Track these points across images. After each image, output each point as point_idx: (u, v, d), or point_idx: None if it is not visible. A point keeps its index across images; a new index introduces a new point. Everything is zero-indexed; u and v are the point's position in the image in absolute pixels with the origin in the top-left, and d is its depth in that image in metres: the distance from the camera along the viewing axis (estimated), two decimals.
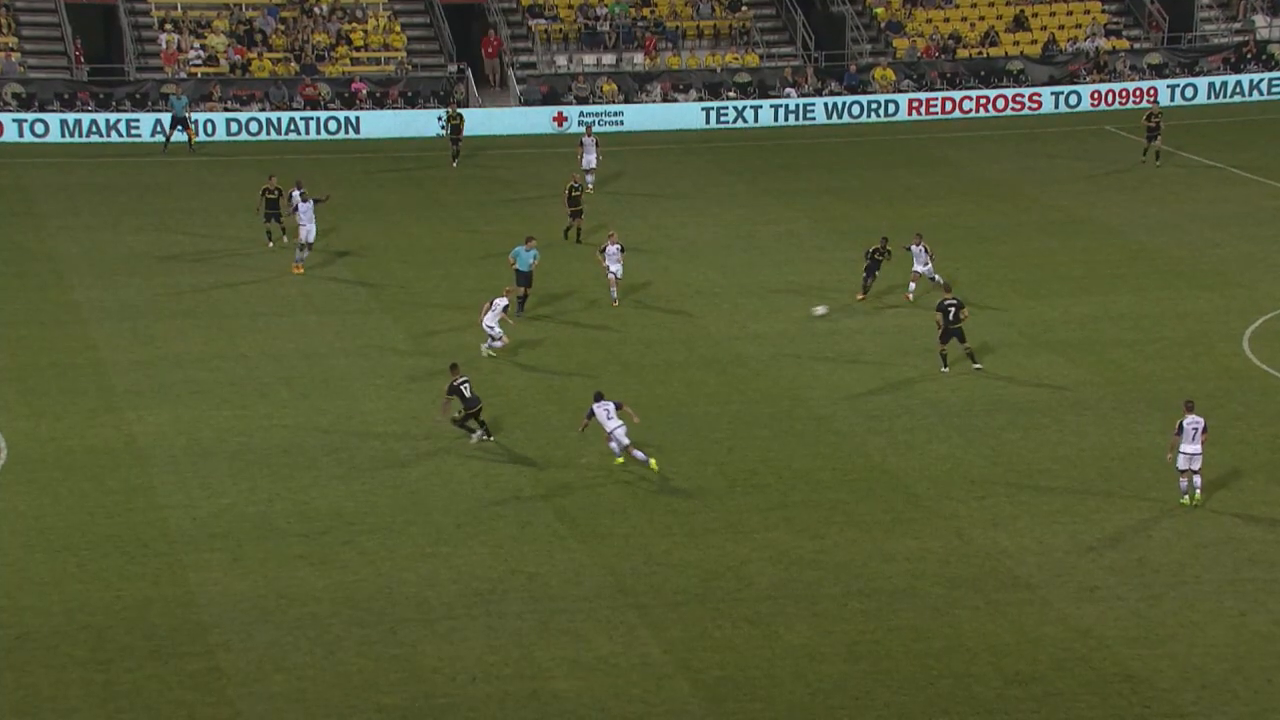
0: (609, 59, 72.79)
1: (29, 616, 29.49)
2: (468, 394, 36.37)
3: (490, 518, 33.72)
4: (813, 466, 36.11)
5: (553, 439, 37.43)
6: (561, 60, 72.80)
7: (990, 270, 49.70)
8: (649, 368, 42.18)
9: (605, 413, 35.30)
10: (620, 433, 35.25)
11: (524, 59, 72.69)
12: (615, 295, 46.43)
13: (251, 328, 44.71)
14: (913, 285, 46.45)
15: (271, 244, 50.92)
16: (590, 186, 57.64)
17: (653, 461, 35.34)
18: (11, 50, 68.13)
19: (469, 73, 71.17)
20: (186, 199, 58.09)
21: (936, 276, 45.89)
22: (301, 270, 48.63)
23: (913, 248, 46.34)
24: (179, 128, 63.84)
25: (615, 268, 46.25)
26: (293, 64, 70.12)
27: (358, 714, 26.97)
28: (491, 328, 41.89)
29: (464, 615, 29.89)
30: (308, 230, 48.54)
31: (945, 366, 41.49)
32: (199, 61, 69.55)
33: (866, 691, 27.59)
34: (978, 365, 41.53)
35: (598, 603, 30.32)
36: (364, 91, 69.49)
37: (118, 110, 66.68)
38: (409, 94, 69.87)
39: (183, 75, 68.83)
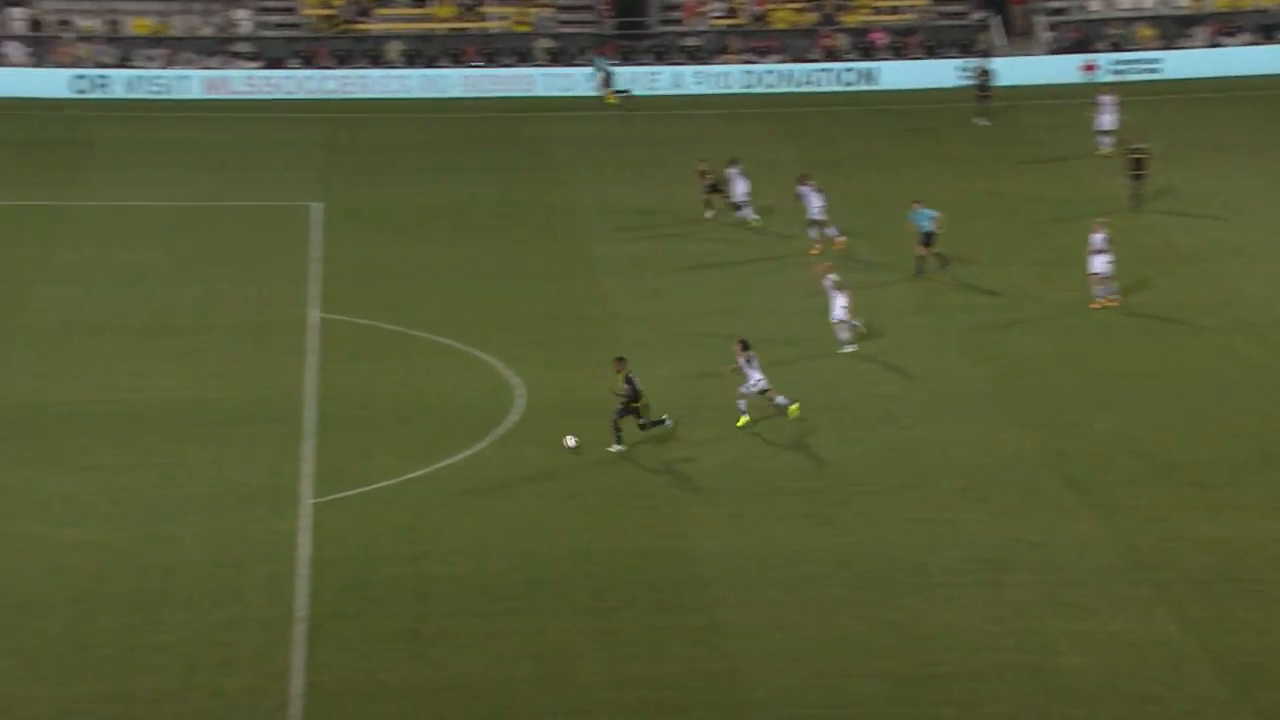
0: (1148, 1, 70.41)
1: (539, 562, 31.06)
2: (637, 385, 35.12)
3: (993, 484, 33.46)
4: None
5: (1062, 404, 36.77)
6: (1096, 4, 70.90)
7: None
8: (1172, 331, 40.84)
9: (753, 362, 35.51)
10: (762, 383, 35.48)
11: (1054, 4, 71.18)
12: (1100, 294, 42.19)
13: (755, 284, 45.50)
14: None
15: (710, 215, 50.78)
16: (1105, 149, 55.91)
17: (793, 407, 35.57)
18: (544, 5, 71.25)
19: (996, 20, 70.19)
20: (700, 153, 59.38)
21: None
22: (819, 250, 48.13)
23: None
24: (610, 83, 65.44)
25: (1101, 262, 41.78)
26: (813, 14, 70.78)
27: (854, 679, 27.31)
28: (842, 320, 40.18)
29: (965, 583, 29.82)
30: (815, 209, 48.03)
31: None
32: (719, 14, 71.06)
33: None
34: None
35: (1110, 576, 29.74)
36: (883, 41, 69.55)
37: (639, 63, 68.88)
38: (930, 44, 69.51)
39: (703, 28, 70.51)
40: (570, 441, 34.80)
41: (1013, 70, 66.82)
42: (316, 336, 41.73)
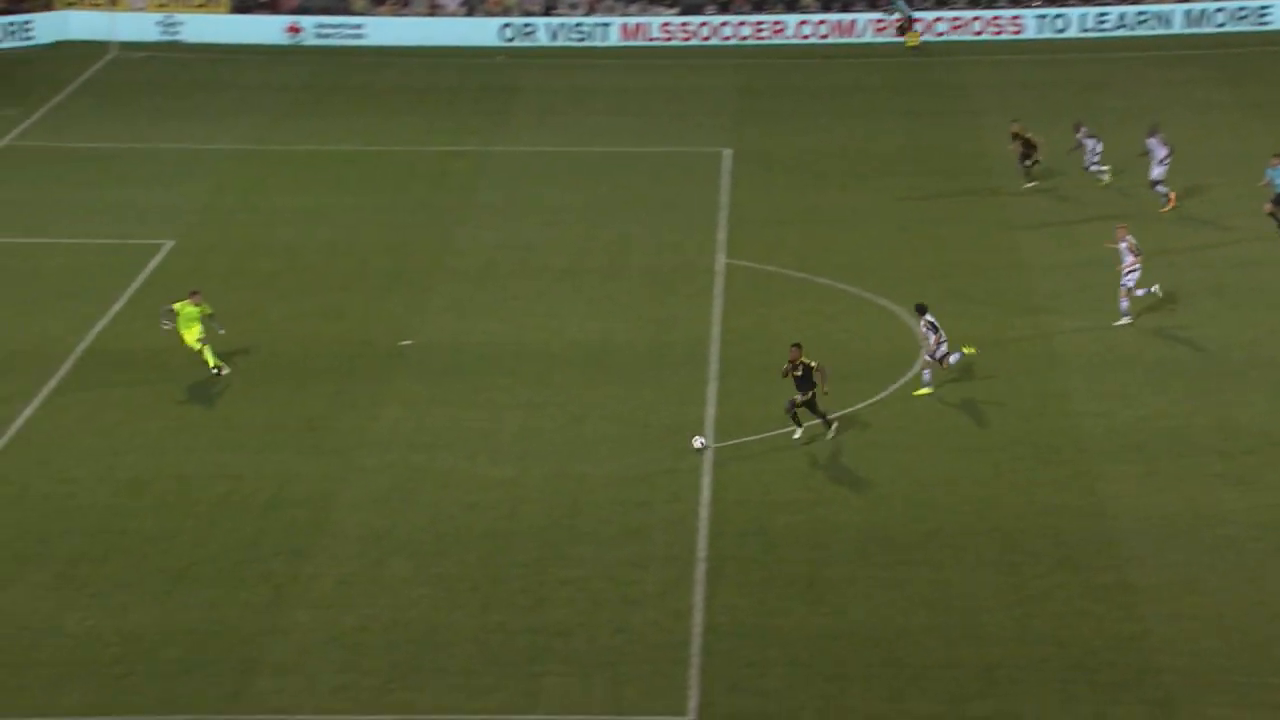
0: None
1: (941, 513, 30.69)
2: (813, 376, 32.70)
3: None
4: None
5: None
6: None
7: None
8: None
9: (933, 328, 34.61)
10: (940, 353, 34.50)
11: None
12: None
13: (1175, 235, 43.66)
14: None
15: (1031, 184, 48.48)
16: None
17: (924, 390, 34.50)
18: None
19: None
20: (1124, 97, 57.49)
21: None
22: (1172, 205, 45.72)
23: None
24: (913, 27, 63.49)
25: None
26: None
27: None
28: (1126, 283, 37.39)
29: None
30: (1158, 169, 45.73)
31: None
32: None
33: None
34: None
35: None
36: None
37: (1069, 5, 66.74)
38: None
39: None
40: (698, 442, 32.98)
41: None
42: (722, 281, 42.00)
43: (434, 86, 60.82)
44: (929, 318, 34.91)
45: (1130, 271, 37.72)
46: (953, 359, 35.02)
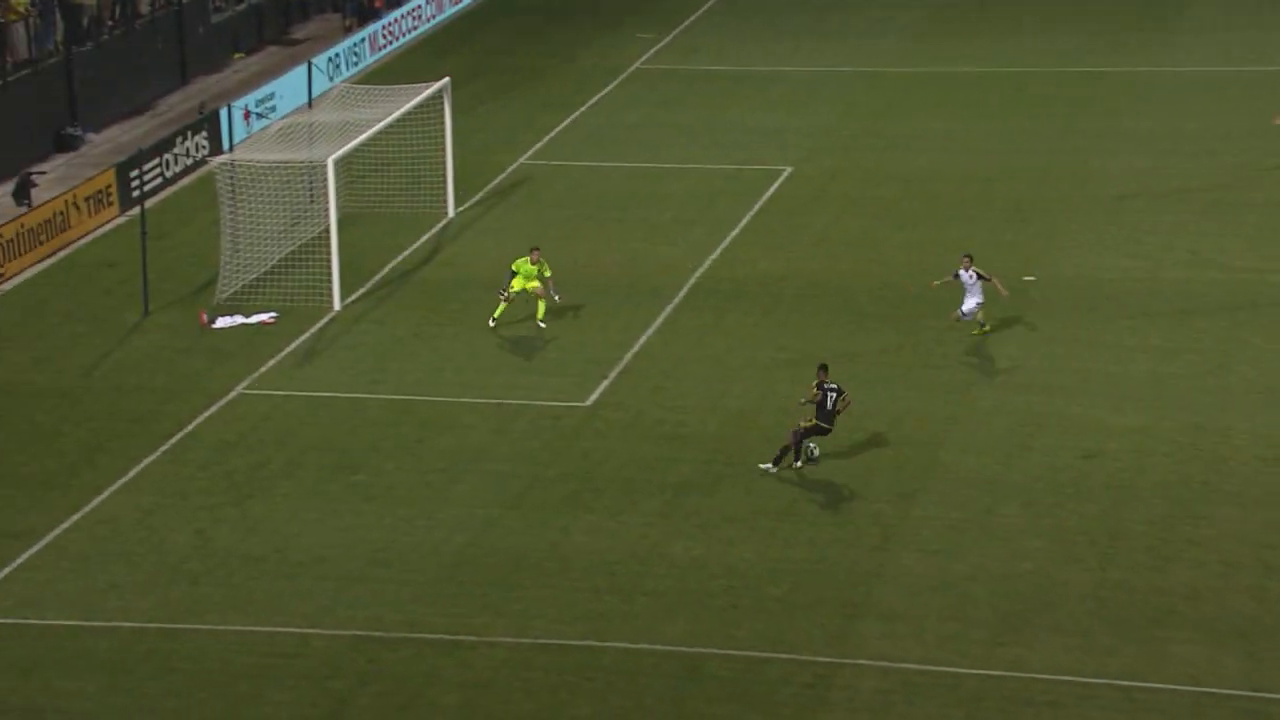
0: None
1: None
2: (829, 405, 29.52)
3: None
4: None
5: None
6: None
7: None
8: None
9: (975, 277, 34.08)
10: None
11: None
12: None
13: None
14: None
15: None
16: None
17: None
18: None
19: None
20: None
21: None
22: None
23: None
24: None
25: None
26: None
27: None
28: None
29: None
30: None
31: None
32: None
33: None
34: None
35: None
36: None
37: None
38: None
39: None
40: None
41: None
42: None
43: (1088, 3, 59.21)
44: (973, 269, 34.12)
45: None
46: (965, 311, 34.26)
